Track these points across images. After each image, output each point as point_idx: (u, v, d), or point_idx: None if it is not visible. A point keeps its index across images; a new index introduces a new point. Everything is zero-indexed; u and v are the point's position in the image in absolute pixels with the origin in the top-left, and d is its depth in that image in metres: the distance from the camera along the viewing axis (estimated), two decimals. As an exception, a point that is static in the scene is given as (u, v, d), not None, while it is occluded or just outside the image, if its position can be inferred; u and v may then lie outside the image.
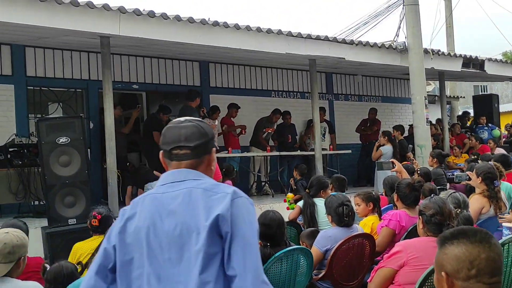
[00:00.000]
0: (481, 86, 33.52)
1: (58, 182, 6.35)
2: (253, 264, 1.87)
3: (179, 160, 2.04)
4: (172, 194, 1.98)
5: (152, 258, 1.93)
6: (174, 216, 1.94)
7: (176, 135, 2.05)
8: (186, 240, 1.91)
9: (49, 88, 9.38)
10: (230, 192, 1.95)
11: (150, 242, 1.94)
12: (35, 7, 6.56)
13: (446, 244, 1.77)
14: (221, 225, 1.89)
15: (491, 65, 12.85)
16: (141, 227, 1.96)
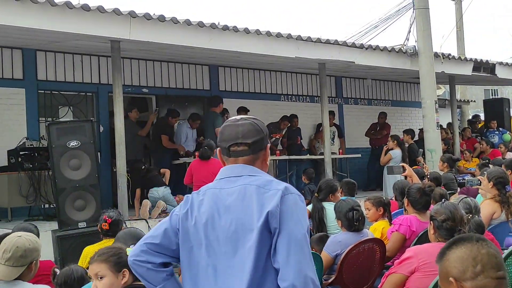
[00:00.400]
0: (492, 90, 33.34)
1: (69, 186, 6.37)
2: (296, 258, 1.95)
3: (236, 156, 2.16)
4: (229, 190, 2.10)
5: (210, 250, 2.06)
6: (229, 212, 2.06)
7: (234, 133, 2.16)
8: (240, 236, 2.02)
9: (60, 92, 9.43)
10: (281, 189, 2.04)
11: (208, 235, 2.07)
12: (47, 12, 6.61)
13: (445, 252, 1.81)
14: (271, 221, 1.99)
15: (502, 69, 12.78)
16: (201, 221, 2.10)
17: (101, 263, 2.65)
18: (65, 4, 6.67)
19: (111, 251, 2.71)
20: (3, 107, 8.80)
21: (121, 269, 2.65)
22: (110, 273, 2.63)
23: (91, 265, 2.70)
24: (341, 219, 4.46)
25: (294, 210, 2.01)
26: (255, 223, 2.00)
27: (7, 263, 3.05)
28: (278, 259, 1.97)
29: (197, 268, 2.09)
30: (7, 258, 3.05)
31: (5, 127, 8.72)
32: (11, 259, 3.05)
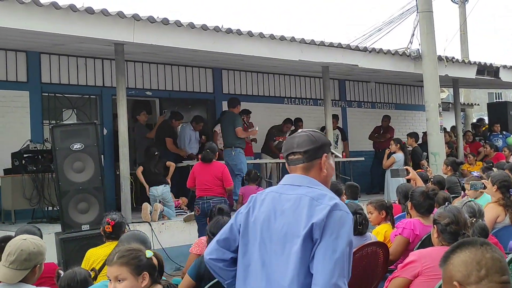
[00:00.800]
0: (496, 93, 33.30)
1: (72, 188, 6.38)
2: (328, 267, 2.16)
3: (294, 165, 2.40)
4: (287, 196, 2.32)
5: (262, 247, 2.31)
6: (283, 216, 2.29)
7: (290, 143, 2.43)
8: (288, 239, 2.25)
9: (64, 95, 9.46)
10: (331, 205, 2.24)
11: (263, 233, 2.32)
12: (51, 15, 6.64)
13: (449, 256, 1.80)
14: (314, 232, 2.21)
15: (506, 72, 12.75)
16: (259, 219, 2.35)
17: (122, 266, 2.58)
18: (69, 7, 6.70)
19: (131, 254, 2.63)
20: (7, 110, 8.83)
21: (141, 272, 2.59)
22: (131, 276, 2.57)
23: (110, 267, 2.62)
24: (344, 222, 4.44)
25: (337, 225, 2.21)
26: (301, 231, 2.21)
27: (11, 266, 3.05)
28: (313, 266, 2.18)
29: (249, 260, 2.34)
30: (11, 261, 3.05)
31: (9, 130, 8.74)
32: (15, 262, 3.05)
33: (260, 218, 2.34)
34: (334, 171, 2.58)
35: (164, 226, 7.95)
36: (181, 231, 7.98)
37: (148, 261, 2.64)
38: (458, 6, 17.95)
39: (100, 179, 6.54)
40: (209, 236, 3.83)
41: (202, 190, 7.25)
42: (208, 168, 7.28)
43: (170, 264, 7.45)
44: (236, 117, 9.58)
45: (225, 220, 3.92)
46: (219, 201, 7.06)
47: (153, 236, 7.45)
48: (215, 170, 7.26)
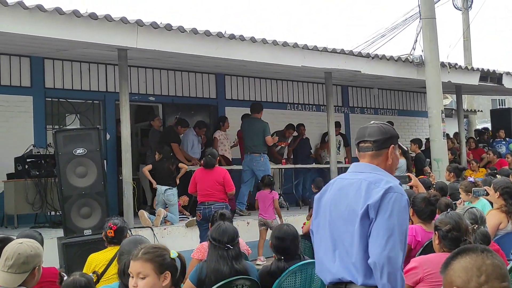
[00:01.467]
0: (499, 100, 33.22)
1: (75, 193, 6.39)
2: (381, 241, 2.46)
3: (363, 151, 2.72)
4: (351, 181, 2.65)
5: (331, 225, 2.66)
6: (346, 199, 2.62)
7: (362, 133, 2.75)
8: (350, 219, 2.57)
9: (67, 100, 9.49)
10: (386, 188, 2.54)
11: (331, 213, 2.67)
12: (55, 20, 6.67)
13: (450, 262, 1.80)
14: (370, 212, 2.51)
15: (509, 79, 12.73)
16: (328, 201, 2.70)
17: (146, 263, 2.55)
18: (73, 13, 6.72)
19: (157, 251, 2.61)
20: (11, 115, 8.86)
21: (164, 271, 2.57)
22: (154, 274, 2.54)
23: (134, 262, 2.59)
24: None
25: (390, 205, 2.50)
26: (359, 211, 2.53)
27: (10, 271, 3.05)
28: (369, 241, 2.50)
29: (321, 237, 2.70)
30: (10, 266, 3.05)
31: (13, 134, 8.77)
32: (13, 266, 3.05)
33: (328, 201, 2.70)
34: (399, 161, 2.86)
35: (166, 231, 7.95)
36: (183, 236, 7.98)
37: (171, 261, 2.62)
38: (461, 13, 17.97)
39: (102, 184, 6.55)
40: (210, 241, 3.83)
41: (204, 195, 7.25)
42: (209, 174, 7.28)
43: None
44: (266, 125, 9.74)
45: (227, 225, 3.93)
46: (220, 207, 7.06)
47: (155, 241, 7.45)
48: (216, 175, 7.27)
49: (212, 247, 3.80)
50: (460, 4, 17.75)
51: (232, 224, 5.12)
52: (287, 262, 3.85)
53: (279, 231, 3.94)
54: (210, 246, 3.83)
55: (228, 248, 3.75)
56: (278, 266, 3.84)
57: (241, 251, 3.91)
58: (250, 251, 5.20)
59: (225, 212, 5.28)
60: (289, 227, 3.98)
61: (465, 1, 17.68)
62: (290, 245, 3.90)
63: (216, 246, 3.78)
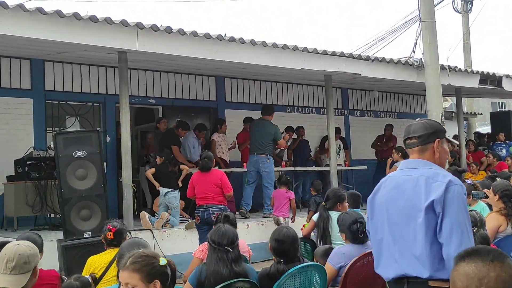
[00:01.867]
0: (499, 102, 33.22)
1: (74, 195, 6.40)
2: (457, 236, 2.53)
3: (410, 148, 2.84)
4: (405, 178, 2.74)
5: (390, 222, 2.74)
6: (404, 195, 2.70)
7: (408, 130, 2.88)
8: (411, 214, 2.64)
9: (67, 102, 9.50)
10: (446, 182, 2.62)
11: (389, 211, 2.75)
12: (55, 23, 6.68)
13: (458, 263, 1.79)
14: (435, 206, 2.58)
15: (509, 82, 12.74)
16: (383, 199, 2.79)
17: (133, 273, 2.50)
18: (73, 15, 6.74)
19: (144, 260, 2.54)
20: (11, 117, 8.87)
21: (152, 280, 2.51)
22: (142, 283, 2.49)
23: (122, 271, 2.56)
24: (345, 232, 4.44)
25: (456, 199, 2.58)
26: (422, 206, 2.60)
27: (13, 272, 3.06)
28: (443, 236, 2.55)
29: (381, 236, 2.78)
30: (12, 267, 3.06)
31: (13, 137, 8.78)
32: (16, 267, 3.06)
33: (384, 199, 2.79)
34: (448, 155, 2.91)
35: (166, 234, 7.95)
36: (183, 238, 7.98)
37: (161, 268, 2.56)
38: (461, 16, 18.01)
39: (102, 187, 6.56)
40: (210, 244, 3.83)
41: (202, 198, 7.25)
42: (206, 177, 7.28)
43: (171, 272, 7.44)
44: (277, 128, 9.83)
45: (226, 228, 3.93)
46: (219, 209, 7.08)
47: (155, 244, 7.45)
48: (213, 178, 7.26)
49: (212, 249, 3.81)
50: (460, 7, 17.79)
51: (236, 226, 5.14)
52: (287, 265, 3.85)
53: (279, 234, 3.94)
54: (210, 248, 3.84)
55: (228, 250, 3.75)
56: (278, 269, 3.85)
57: (240, 253, 3.91)
58: (251, 252, 5.20)
59: (230, 214, 5.27)
60: (288, 229, 3.98)
61: (465, 4, 17.72)
62: (289, 247, 3.90)
63: (215, 248, 3.78)
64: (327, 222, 5.42)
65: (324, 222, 5.44)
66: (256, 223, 8.80)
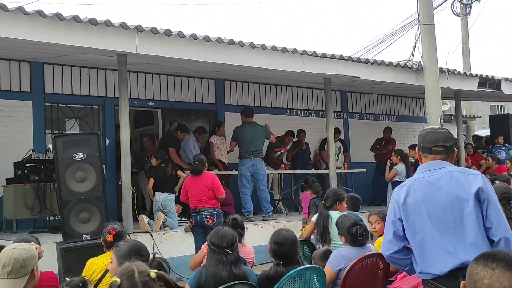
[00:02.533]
0: (498, 105, 33.25)
1: (74, 198, 6.40)
2: (503, 219, 2.84)
3: (436, 154, 3.04)
4: (436, 176, 2.96)
5: (432, 219, 2.89)
6: (442, 190, 2.91)
7: (436, 138, 3.07)
8: (455, 205, 2.86)
9: (67, 105, 9.50)
10: (479, 174, 2.95)
11: (428, 209, 2.91)
12: (55, 25, 6.69)
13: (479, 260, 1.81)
14: (480, 194, 2.84)
15: (508, 85, 12.75)
16: (418, 200, 2.94)
17: None
18: (72, 18, 6.75)
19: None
20: (10, 119, 8.88)
21: None
22: None
23: None
24: (344, 234, 4.44)
25: (491, 187, 2.91)
26: (469, 195, 2.83)
27: (10, 277, 3.05)
28: (491, 220, 2.81)
29: (422, 236, 2.90)
30: (8, 272, 3.05)
31: (12, 139, 8.78)
32: (12, 272, 3.05)
33: (419, 199, 2.94)
34: None
35: (165, 236, 7.95)
36: (182, 241, 7.98)
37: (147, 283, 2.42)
38: (460, 19, 18.04)
39: (101, 189, 6.56)
40: (209, 246, 3.83)
41: (195, 202, 7.25)
42: (198, 180, 7.27)
43: (170, 274, 7.43)
44: (264, 127, 10.02)
45: (226, 230, 3.93)
46: (211, 213, 7.10)
47: (154, 246, 7.45)
48: (205, 181, 7.25)
49: (211, 251, 3.80)
50: (459, 10, 17.82)
51: (243, 228, 5.13)
52: (286, 267, 3.85)
53: (278, 236, 3.94)
54: (209, 250, 3.83)
55: (227, 253, 3.75)
56: (277, 271, 3.85)
57: (239, 256, 3.91)
58: (254, 261, 5.17)
59: (237, 217, 5.27)
60: (288, 232, 3.98)
61: (463, 7, 17.75)
62: (289, 250, 3.90)
63: (215, 251, 3.78)
64: (326, 221, 5.41)
65: (323, 220, 5.43)
66: (256, 226, 8.80)
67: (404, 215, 2.97)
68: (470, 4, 17.80)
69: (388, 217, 3.08)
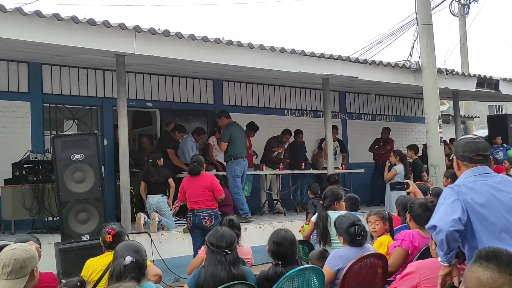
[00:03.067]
0: (496, 106, 33.30)
1: (72, 199, 6.39)
2: None
3: (476, 163, 3.23)
4: (493, 180, 3.17)
5: (499, 217, 3.04)
6: (504, 192, 3.11)
7: (475, 147, 3.27)
8: None
9: (65, 105, 9.50)
10: None
11: (497, 207, 3.06)
12: (53, 26, 6.69)
13: (477, 262, 1.74)
14: None
15: (506, 85, 12.78)
16: (482, 199, 3.07)
17: None
18: (71, 19, 6.75)
19: None
20: (9, 120, 8.87)
21: None
22: None
23: None
24: (342, 235, 4.44)
25: None
26: None
27: (9, 277, 3.05)
28: None
29: (495, 229, 3.02)
30: (8, 273, 3.06)
31: (10, 140, 8.78)
32: (12, 272, 3.06)
33: (482, 199, 3.09)
34: None
35: (164, 237, 7.95)
36: (181, 242, 7.98)
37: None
38: (458, 19, 18.07)
39: (100, 190, 6.55)
40: (208, 247, 3.84)
41: (193, 203, 7.23)
42: (197, 181, 7.26)
43: (169, 275, 7.45)
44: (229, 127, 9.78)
45: (224, 230, 3.93)
46: (209, 213, 7.09)
47: (153, 247, 7.45)
48: (204, 182, 7.23)
49: (210, 252, 3.81)
50: (457, 10, 17.85)
51: (240, 229, 5.13)
52: (285, 267, 3.85)
53: (277, 236, 3.94)
54: (208, 251, 3.83)
55: (226, 253, 3.75)
56: (276, 271, 3.85)
57: (238, 256, 3.91)
58: (252, 261, 5.18)
59: (233, 218, 5.27)
60: (286, 232, 3.98)
61: (462, 8, 17.78)
62: (287, 250, 3.90)
63: (214, 251, 3.78)
64: (326, 221, 5.42)
65: (323, 221, 5.44)
66: (254, 226, 8.81)
67: (471, 211, 3.07)
68: (468, 4, 17.83)
69: (450, 201, 3.11)
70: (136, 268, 3.23)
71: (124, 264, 3.22)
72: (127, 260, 3.22)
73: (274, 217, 10.44)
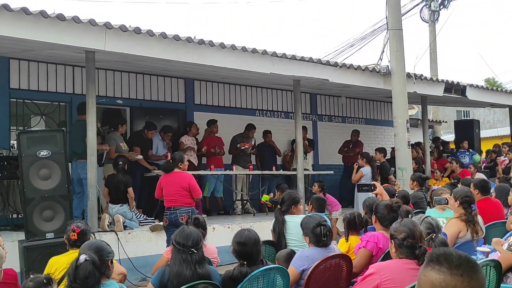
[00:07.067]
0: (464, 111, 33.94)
1: (37, 196, 6.29)
2: None
3: None
4: None
5: None
6: None
7: None
8: None
9: (33, 101, 9.34)
10: None
11: None
12: (21, 20, 6.57)
13: (429, 265, 1.73)
14: None
15: (473, 91, 13.05)
16: None
17: None
18: (40, 13, 6.64)
19: None
20: (-26, 115, 8.69)
21: None
22: None
23: None
24: (309, 235, 4.48)
25: None
26: None
27: None
28: None
29: None
30: None
31: (-25, 135, 8.59)
32: None
33: None
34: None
35: (131, 236, 7.88)
36: (148, 240, 7.92)
37: None
38: (428, 25, 18.37)
39: (66, 187, 6.47)
40: (174, 245, 3.83)
41: (169, 201, 7.20)
42: (174, 179, 7.23)
43: (135, 274, 7.39)
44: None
45: (191, 229, 3.93)
46: (186, 211, 7.05)
47: (119, 246, 7.38)
48: (181, 181, 7.21)
49: (176, 251, 3.80)
50: (427, 16, 18.15)
51: (206, 228, 5.13)
52: (250, 267, 3.86)
53: (241, 236, 3.95)
54: (174, 250, 3.82)
55: (192, 252, 3.75)
56: (241, 271, 3.86)
57: (204, 255, 3.91)
58: (218, 260, 5.18)
59: (199, 216, 5.25)
60: (250, 232, 4.00)
61: (432, 14, 18.09)
62: (252, 249, 3.91)
63: (180, 250, 3.77)
64: (282, 226, 5.42)
65: (279, 226, 5.44)
66: (223, 226, 8.80)
67: None
68: (438, 11, 18.16)
69: None
70: (91, 267, 3.19)
71: (79, 263, 3.19)
72: (81, 259, 3.19)
73: (243, 217, 10.46)
